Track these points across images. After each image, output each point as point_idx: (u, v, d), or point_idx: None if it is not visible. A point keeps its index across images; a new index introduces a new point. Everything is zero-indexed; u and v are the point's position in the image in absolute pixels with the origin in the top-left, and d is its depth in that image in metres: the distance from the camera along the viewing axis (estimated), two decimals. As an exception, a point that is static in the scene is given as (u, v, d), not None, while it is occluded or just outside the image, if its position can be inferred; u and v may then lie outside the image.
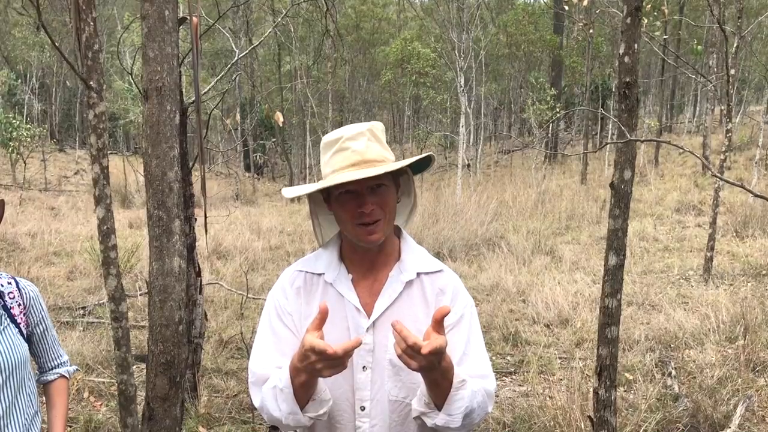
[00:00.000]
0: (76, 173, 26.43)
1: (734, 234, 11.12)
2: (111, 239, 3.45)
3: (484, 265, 9.59)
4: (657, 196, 15.41)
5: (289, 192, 1.78)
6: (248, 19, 29.32)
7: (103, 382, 5.34)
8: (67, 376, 2.41)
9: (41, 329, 2.30)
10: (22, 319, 2.21)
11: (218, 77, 5.81)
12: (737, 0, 9.98)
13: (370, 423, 1.71)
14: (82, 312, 7.47)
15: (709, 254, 8.44)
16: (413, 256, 1.81)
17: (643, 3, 3.07)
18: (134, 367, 3.86)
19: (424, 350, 1.42)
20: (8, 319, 2.16)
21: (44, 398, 2.39)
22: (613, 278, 3.20)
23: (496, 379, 1.84)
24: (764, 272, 8.63)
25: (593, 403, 3.29)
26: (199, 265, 4.94)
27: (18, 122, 21.70)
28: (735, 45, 9.14)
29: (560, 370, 5.67)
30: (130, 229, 13.34)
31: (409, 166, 1.79)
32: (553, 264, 9.65)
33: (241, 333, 5.87)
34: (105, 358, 5.80)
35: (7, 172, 23.63)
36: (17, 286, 2.22)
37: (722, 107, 17.28)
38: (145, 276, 6.68)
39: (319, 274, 1.79)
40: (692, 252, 10.14)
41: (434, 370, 1.51)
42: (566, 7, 15.12)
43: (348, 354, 1.45)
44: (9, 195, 19.37)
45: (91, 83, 3.34)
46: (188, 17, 4.01)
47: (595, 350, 3.34)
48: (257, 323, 1.85)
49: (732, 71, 8.70)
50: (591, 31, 20.79)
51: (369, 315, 1.72)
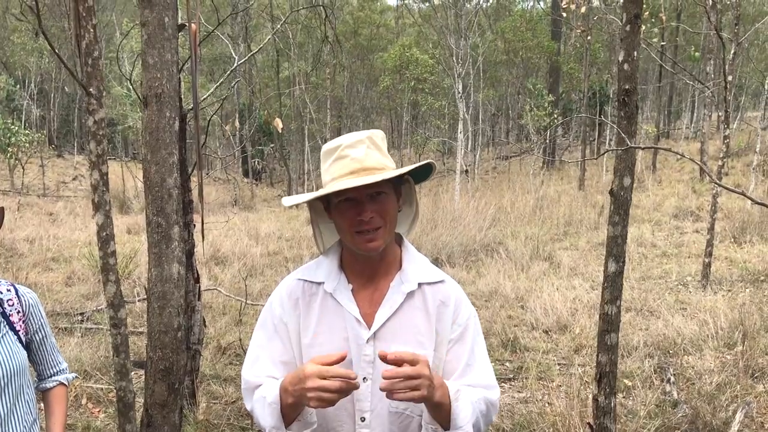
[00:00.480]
0: (74, 179, 26.39)
1: (732, 240, 11.13)
2: (110, 245, 3.45)
3: (483, 270, 9.58)
4: (655, 202, 15.42)
5: (288, 201, 1.78)
6: (247, 25, 29.38)
7: (102, 389, 5.33)
8: (66, 384, 2.41)
9: (40, 336, 2.30)
10: (21, 326, 2.20)
11: (217, 83, 5.83)
12: (734, 7, 10.01)
13: None
14: (80, 318, 7.45)
15: (707, 260, 8.44)
16: (415, 265, 1.79)
17: (642, 10, 3.08)
18: (133, 373, 3.86)
19: (390, 357, 1.49)
20: (7, 326, 2.16)
21: (43, 405, 2.38)
22: (612, 285, 3.20)
23: (496, 385, 1.85)
24: (762, 278, 8.63)
25: (593, 410, 3.29)
26: (197, 271, 4.93)
27: (16, 128, 21.65)
28: (732, 51, 9.18)
29: (559, 377, 5.66)
30: (129, 235, 13.31)
31: (410, 174, 1.79)
32: (552, 270, 9.65)
33: (240, 339, 5.87)
34: (103, 364, 5.79)
35: (6, 178, 23.60)
36: (16, 293, 2.22)
37: (720, 113, 17.31)
38: (144, 282, 6.68)
39: (319, 283, 1.78)
40: (690, 258, 10.14)
41: (432, 388, 1.54)
42: (564, 14, 15.16)
43: (343, 393, 1.51)
44: (7, 200, 19.34)
45: (90, 90, 3.34)
46: (187, 24, 4.02)
47: (594, 356, 3.34)
48: (255, 329, 1.86)
49: (729, 77, 8.72)
50: (589, 37, 20.85)
51: (369, 326, 1.71)
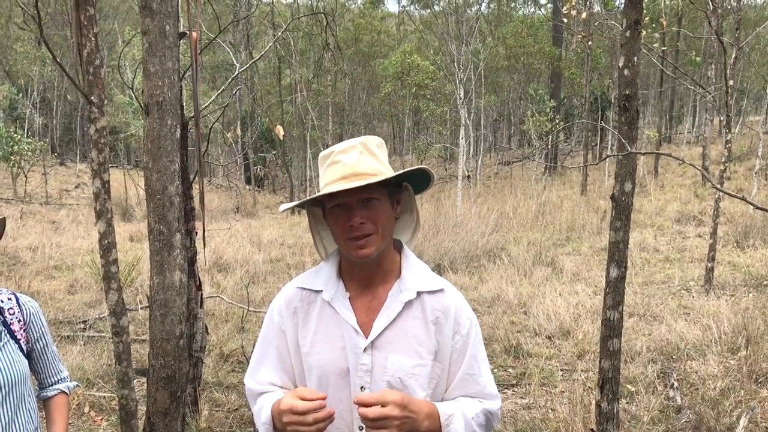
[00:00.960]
0: (76, 187, 26.44)
1: (735, 244, 11.11)
2: (112, 254, 3.45)
3: (485, 276, 9.57)
4: (657, 207, 15.40)
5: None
6: (248, 33, 29.45)
7: (104, 397, 5.32)
8: (67, 392, 2.41)
9: (41, 345, 2.30)
10: (22, 335, 2.21)
11: (219, 91, 5.84)
12: (735, 11, 10.02)
13: None
14: (82, 326, 7.45)
15: (709, 265, 8.42)
16: (414, 273, 1.78)
17: (642, 16, 3.09)
18: (135, 381, 3.85)
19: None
20: (8, 335, 2.16)
21: (44, 414, 2.38)
22: (614, 290, 3.19)
23: (498, 391, 1.84)
24: (765, 282, 8.61)
25: (596, 416, 3.28)
26: (199, 278, 4.93)
27: (19, 136, 21.75)
28: (733, 56, 9.17)
29: (562, 383, 5.65)
30: (131, 243, 13.33)
31: (410, 183, 1.80)
32: (554, 275, 9.64)
33: (242, 346, 5.86)
34: (106, 372, 5.78)
35: (8, 186, 23.66)
36: (17, 302, 2.22)
37: (721, 118, 17.32)
38: (146, 290, 6.68)
39: (318, 291, 1.78)
40: (693, 262, 10.12)
41: (416, 420, 1.58)
42: (565, 20, 15.18)
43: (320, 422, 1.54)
44: (10, 209, 19.38)
45: (92, 98, 3.35)
46: (188, 32, 4.03)
47: (597, 362, 3.34)
48: (258, 336, 1.88)
49: (731, 82, 8.72)
50: (590, 43, 20.87)
51: (367, 334, 1.70)
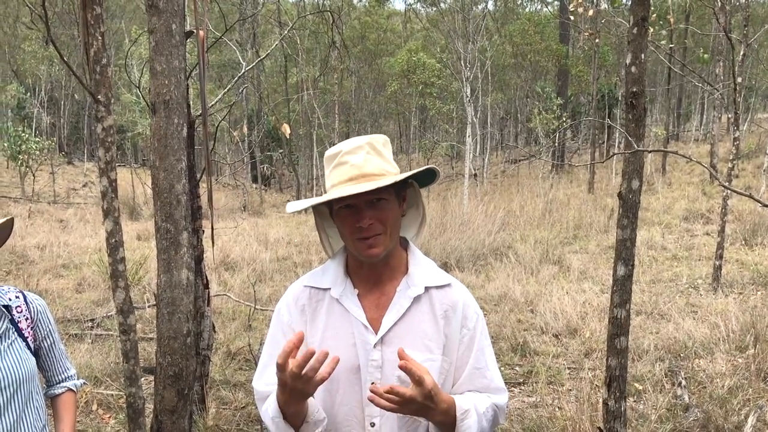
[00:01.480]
0: (84, 185, 26.53)
1: (743, 242, 11.06)
2: (119, 252, 3.46)
3: (492, 275, 9.56)
4: (665, 205, 15.35)
5: (291, 207, 1.78)
6: (255, 31, 29.48)
7: (112, 395, 5.34)
8: (75, 390, 2.42)
9: (49, 343, 2.31)
10: (29, 333, 2.22)
11: (225, 89, 5.84)
12: (743, 8, 9.97)
13: None
14: (90, 324, 7.48)
15: (717, 263, 8.39)
16: (421, 269, 1.79)
17: (649, 13, 3.07)
18: (143, 379, 3.87)
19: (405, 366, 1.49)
20: (16, 333, 2.17)
21: (52, 412, 2.39)
22: (621, 288, 3.18)
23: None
24: (774, 281, 8.57)
25: (603, 414, 3.27)
26: (206, 276, 4.94)
27: (27, 135, 21.84)
28: (741, 53, 9.13)
29: (569, 381, 5.64)
30: (138, 241, 13.37)
31: (415, 178, 1.79)
32: (561, 273, 9.62)
33: (249, 345, 5.87)
34: (113, 370, 5.81)
35: (17, 185, 23.76)
36: (25, 300, 2.23)
37: (729, 115, 17.24)
38: (154, 288, 6.70)
39: (325, 289, 1.78)
40: (701, 260, 10.09)
41: (432, 411, 1.56)
42: (572, 17, 15.13)
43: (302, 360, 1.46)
44: (18, 208, 19.46)
45: (99, 97, 3.36)
46: (195, 30, 4.04)
47: (605, 360, 3.33)
48: (265, 335, 1.87)
49: (739, 79, 8.67)
50: (597, 40, 20.80)
51: (376, 330, 1.70)
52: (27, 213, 18.11)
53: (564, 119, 22.13)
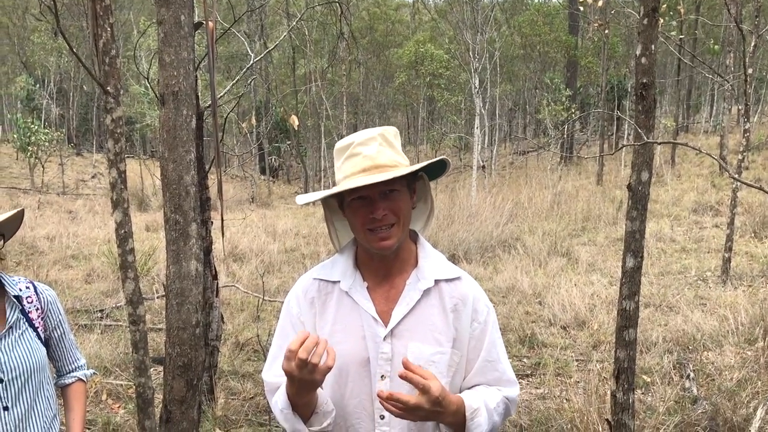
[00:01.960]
0: (93, 177, 26.64)
1: (752, 234, 11.00)
2: (128, 243, 3.47)
3: (500, 267, 9.55)
4: (674, 197, 15.28)
5: (302, 199, 1.78)
6: (263, 22, 29.45)
7: (121, 385, 5.38)
8: (85, 380, 2.44)
9: (59, 333, 2.32)
10: (39, 323, 2.23)
11: (234, 81, 5.84)
12: (755, -2, 9.87)
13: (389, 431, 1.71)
14: (99, 315, 7.53)
15: (726, 255, 8.35)
16: (430, 262, 1.78)
17: (660, 3, 3.05)
18: (152, 369, 3.89)
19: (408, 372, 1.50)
20: (26, 323, 2.19)
21: (62, 401, 2.41)
22: (630, 280, 3.17)
23: (513, 380, 1.85)
24: (784, 273, 8.53)
25: (611, 406, 3.27)
26: (215, 267, 4.96)
27: (36, 127, 21.95)
28: (752, 44, 9.05)
29: (577, 373, 5.63)
30: (147, 233, 13.42)
31: (424, 171, 1.79)
32: (570, 265, 9.61)
33: (258, 335, 5.89)
34: (123, 360, 5.84)
35: (26, 177, 23.88)
36: (35, 291, 2.24)
37: (739, 107, 17.11)
38: (162, 279, 6.73)
39: (335, 282, 1.77)
40: (710, 253, 10.04)
41: (442, 415, 1.57)
42: (581, 8, 15.05)
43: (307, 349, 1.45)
44: (28, 199, 19.56)
45: (108, 88, 3.37)
46: (204, 22, 4.03)
47: (613, 352, 3.32)
48: (273, 326, 1.88)
49: (749, 70, 8.60)
50: (606, 31, 20.67)
51: (386, 323, 1.70)
52: (36, 204, 18.21)
53: (573, 111, 22.01)
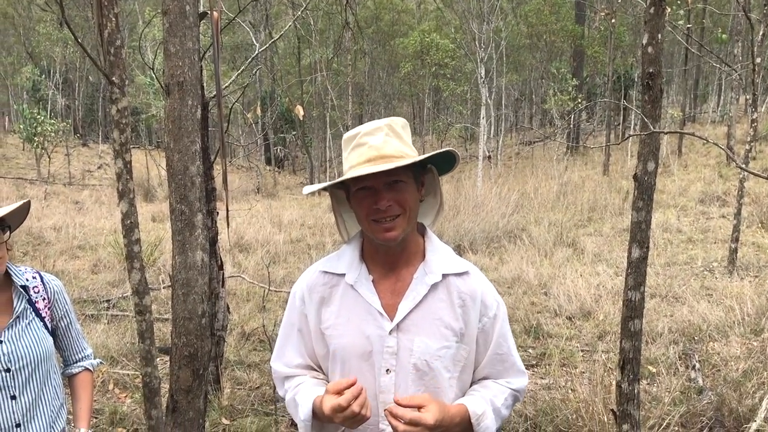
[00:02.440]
0: (99, 167, 26.70)
1: (759, 225, 10.96)
2: (134, 233, 3.48)
3: (506, 257, 9.55)
4: (680, 187, 15.22)
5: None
6: (268, 12, 29.36)
7: (128, 375, 5.41)
8: (91, 369, 2.45)
9: (65, 323, 2.33)
10: (46, 313, 2.24)
11: (239, 71, 5.84)
12: (763, -13, 9.78)
13: None
14: (106, 305, 7.56)
15: (733, 245, 8.33)
16: (438, 256, 1.77)
17: (667, -8, 3.02)
18: (158, 359, 3.91)
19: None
20: (33, 313, 2.20)
21: (69, 391, 2.42)
22: (636, 271, 3.16)
23: (519, 371, 1.86)
24: (791, 264, 8.50)
25: (616, 397, 3.27)
26: (221, 258, 4.97)
27: (42, 117, 21.96)
28: (761, 33, 8.98)
29: (583, 363, 5.64)
30: (153, 223, 13.46)
31: (434, 165, 1.78)
32: (575, 256, 9.59)
33: (263, 325, 5.90)
34: (129, 350, 5.87)
35: (32, 167, 23.96)
36: (42, 281, 2.25)
37: (747, 96, 17.00)
38: (168, 269, 6.74)
39: (341, 275, 1.77)
40: (716, 243, 10.01)
41: (447, 430, 1.59)
42: (588, -3, 14.95)
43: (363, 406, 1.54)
44: (34, 189, 19.62)
45: (113, 79, 3.36)
46: (209, 12, 4.02)
47: (618, 343, 3.32)
48: (279, 316, 1.90)
49: (758, 59, 8.52)
50: (613, 20, 20.54)
51: (392, 317, 1.69)
52: (43, 194, 18.26)
53: (579, 100, 21.92)
